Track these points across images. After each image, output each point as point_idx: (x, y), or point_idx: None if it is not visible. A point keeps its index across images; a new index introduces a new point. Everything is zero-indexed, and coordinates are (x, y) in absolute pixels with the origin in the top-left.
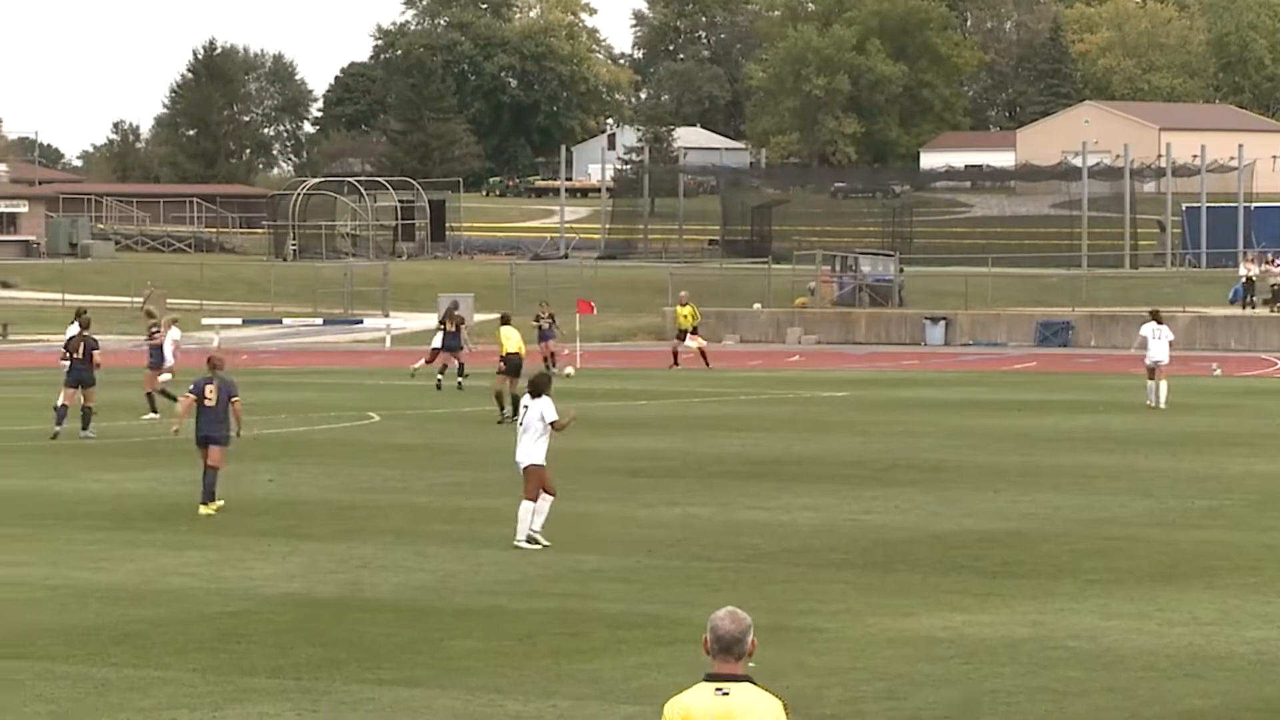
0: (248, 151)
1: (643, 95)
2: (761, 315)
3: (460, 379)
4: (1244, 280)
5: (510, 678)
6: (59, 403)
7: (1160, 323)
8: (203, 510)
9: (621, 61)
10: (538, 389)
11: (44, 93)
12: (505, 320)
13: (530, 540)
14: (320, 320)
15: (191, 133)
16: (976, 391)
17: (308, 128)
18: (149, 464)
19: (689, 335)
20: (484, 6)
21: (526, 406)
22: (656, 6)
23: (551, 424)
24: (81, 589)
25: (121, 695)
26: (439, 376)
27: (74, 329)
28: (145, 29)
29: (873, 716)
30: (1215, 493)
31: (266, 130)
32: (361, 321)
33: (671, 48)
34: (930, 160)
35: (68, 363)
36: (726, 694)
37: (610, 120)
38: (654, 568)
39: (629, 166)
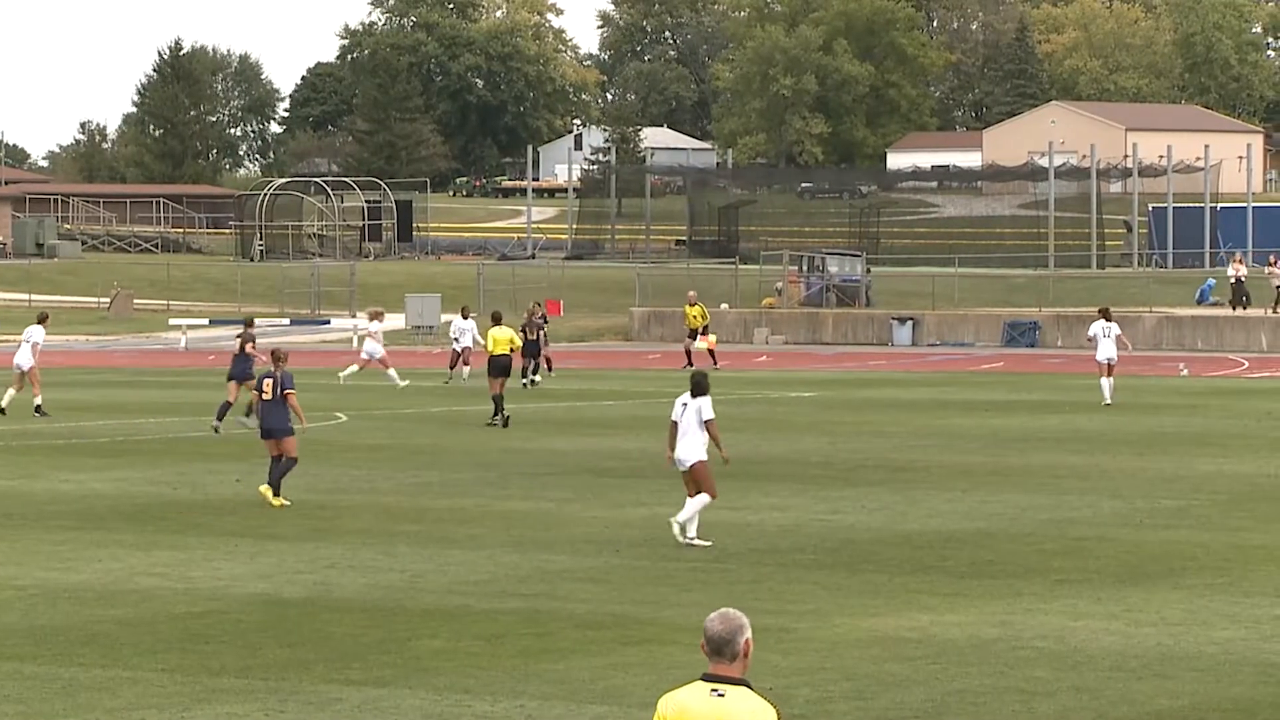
0: (214, 152)
1: (609, 96)
2: (729, 315)
3: (533, 378)
4: (1234, 281)
5: (478, 678)
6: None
7: (1110, 320)
8: (276, 502)
9: (588, 62)
10: (700, 388)
11: (9, 93)
12: (496, 320)
13: (683, 533)
14: (287, 320)
15: (158, 133)
16: (944, 392)
17: (274, 128)
18: (117, 464)
19: (700, 335)
20: (450, 7)
21: (685, 405)
22: (623, 7)
23: (706, 423)
24: (49, 589)
25: (90, 695)
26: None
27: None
28: (111, 29)
29: (841, 716)
30: (1183, 493)
31: (233, 130)
32: (329, 322)
33: (638, 48)
34: (897, 160)
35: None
36: (722, 695)
37: (577, 121)
38: (622, 568)
39: (596, 167)
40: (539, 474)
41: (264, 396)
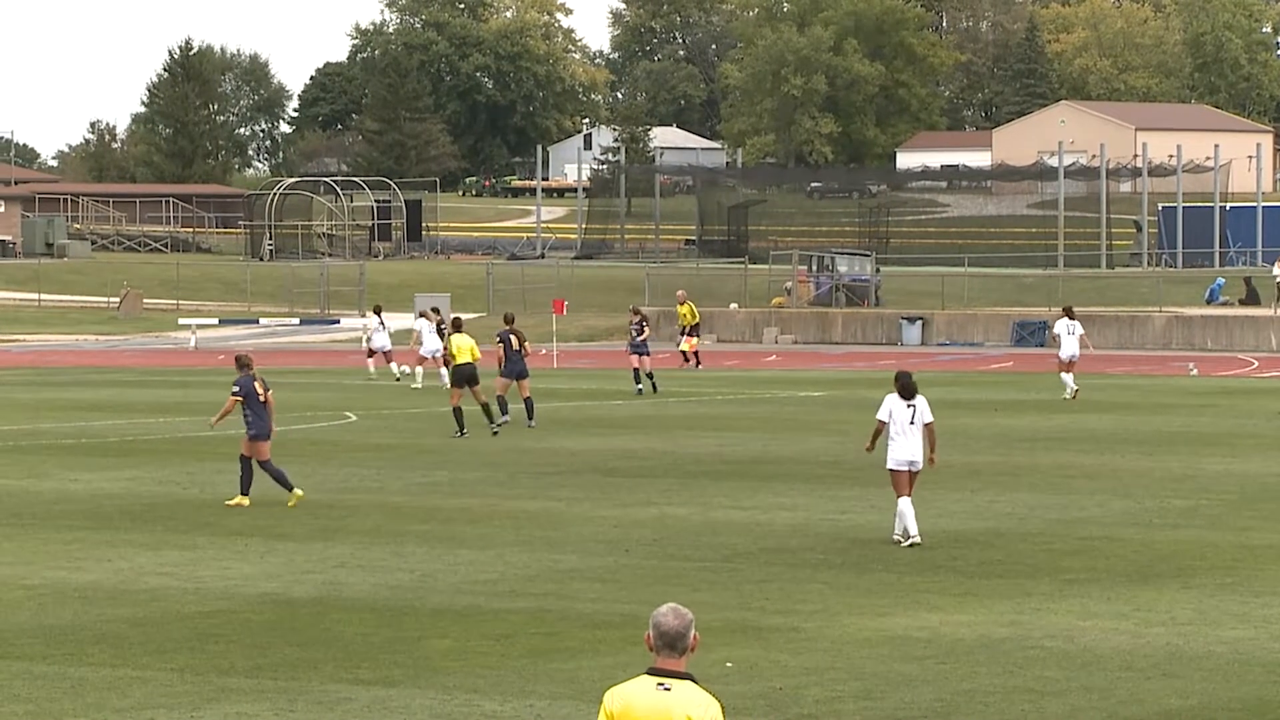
0: (224, 151)
1: (619, 95)
2: (738, 315)
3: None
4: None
5: (487, 677)
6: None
7: (1074, 319)
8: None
9: (598, 61)
10: (913, 389)
11: (20, 93)
12: (457, 327)
13: (906, 537)
14: (297, 320)
15: (168, 132)
16: (953, 391)
17: (284, 127)
18: (126, 464)
19: (686, 335)
20: (461, 6)
21: (913, 406)
22: (633, 6)
23: (927, 425)
24: (58, 588)
25: (99, 695)
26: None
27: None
28: (121, 29)
29: (850, 716)
30: (1192, 493)
31: (242, 130)
32: (338, 321)
33: (648, 48)
34: (907, 160)
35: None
36: (668, 690)
37: (586, 120)
38: (631, 567)
39: (605, 166)
40: (547, 473)
41: (261, 400)
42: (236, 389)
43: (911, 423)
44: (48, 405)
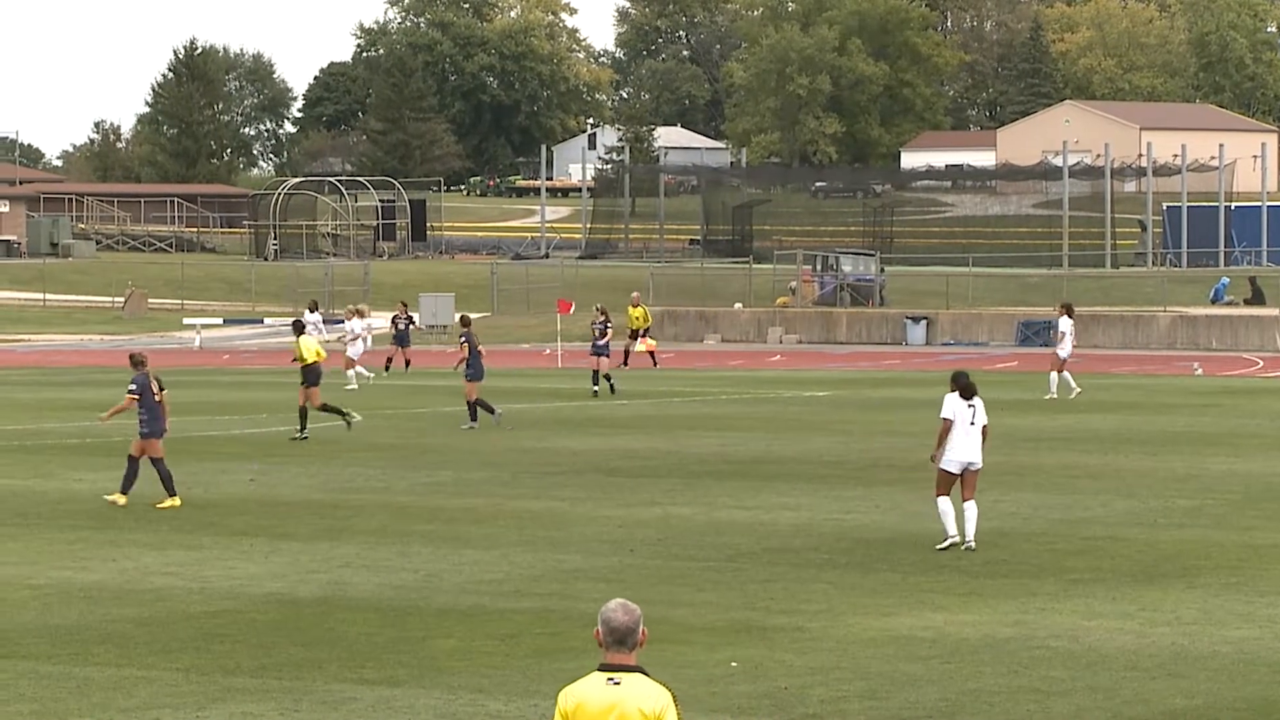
0: (228, 151)
1: (623, 95)
2: (742, 315)
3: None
4: None
5: (492, 677)
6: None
7: (1071, 317)
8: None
9: (602, 60)
10: (973, 388)
11: (23, 93)
12: (300, 330)
13: (962, 539)
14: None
15: (172, 132)
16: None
17: (288, 127)
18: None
19: (639, 337)
20: (465, 6)
21: (973, 406)
22: (638, 5)
23: (984, 427)
24: (64, 588)
25: (105, 694)
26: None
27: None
28: (125, 28)
29: (855, 716)
30: (1196, 492)
31: (247, 130)
32: (343, 321)
33: (652, 47)
34: (911, 160)
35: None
36: (618, 683)
37: (591, 120)
38: (635, 567)
39: (609, 166)
40: (551, 473)
41: (156, 399)
42: (133, 387)
43: (972, 423)
44: (52, 405)
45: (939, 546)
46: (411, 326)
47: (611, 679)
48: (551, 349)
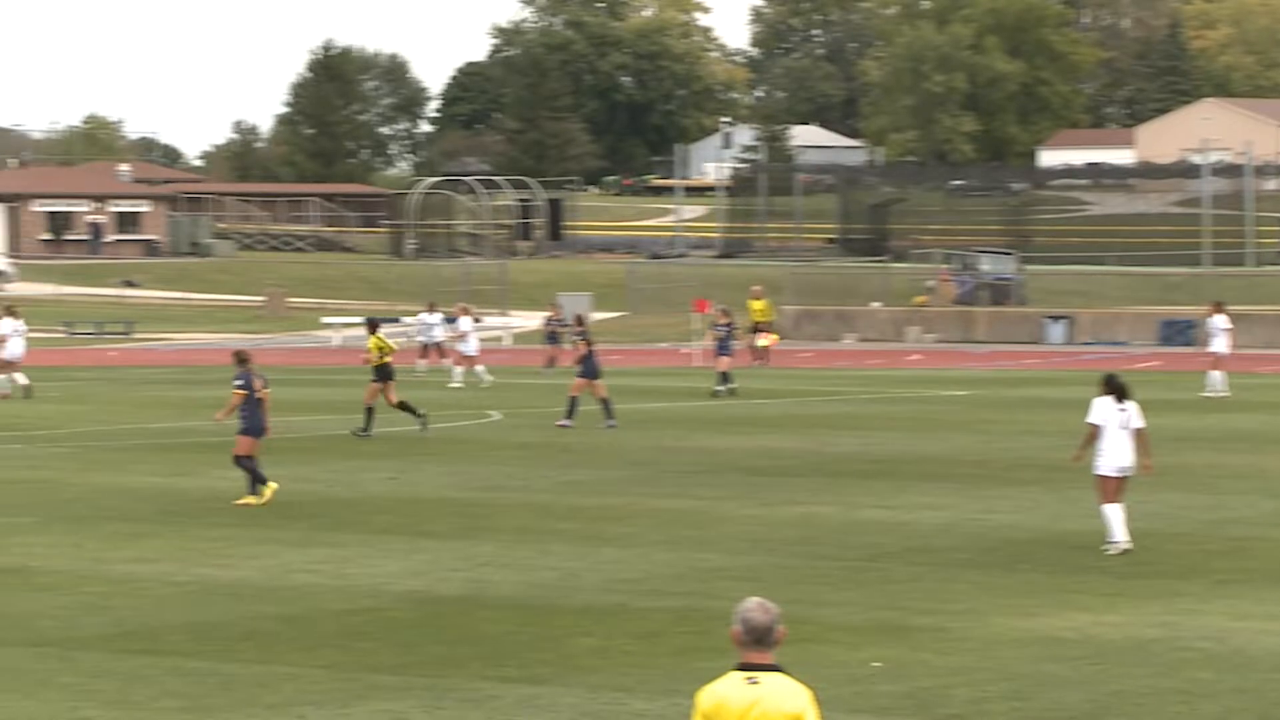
0: (365, 151)
1: (758, 93)
2: (880, 314)
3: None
4: None
5: (634, 676)
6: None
7: (1225, 314)
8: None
9: (736, 58)
10: (1127, 390)
11: (164, 93)
12: (374, 328)
13: (1117, 545)
14: (439, 318)
15: (310, 132)
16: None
17: (424, 127)
18: (270, 461)
19: (760, 331)
20: (600, 5)
21: (1125, 409)
22: (773, 3)
23: (1138, 431)
24: (208, 585)
25: (249, 691)
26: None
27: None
28: (264, 30)
29: (998, 716)
30: None
31: (383, 129)
32: (480, 320)
33: (787, 45)
34: (1049, 158)
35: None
36: (757, 683)
37: (725, 119)
38: (776, 566)
39: (745, 165)
40: (690, 472)
41: (258, 397)
42: (240, 382)
43: (1124, 427)
44: (195, 403)
45: (1110, 552)
46: (563, 327)
47: (751, 678)
48: (688, 349)
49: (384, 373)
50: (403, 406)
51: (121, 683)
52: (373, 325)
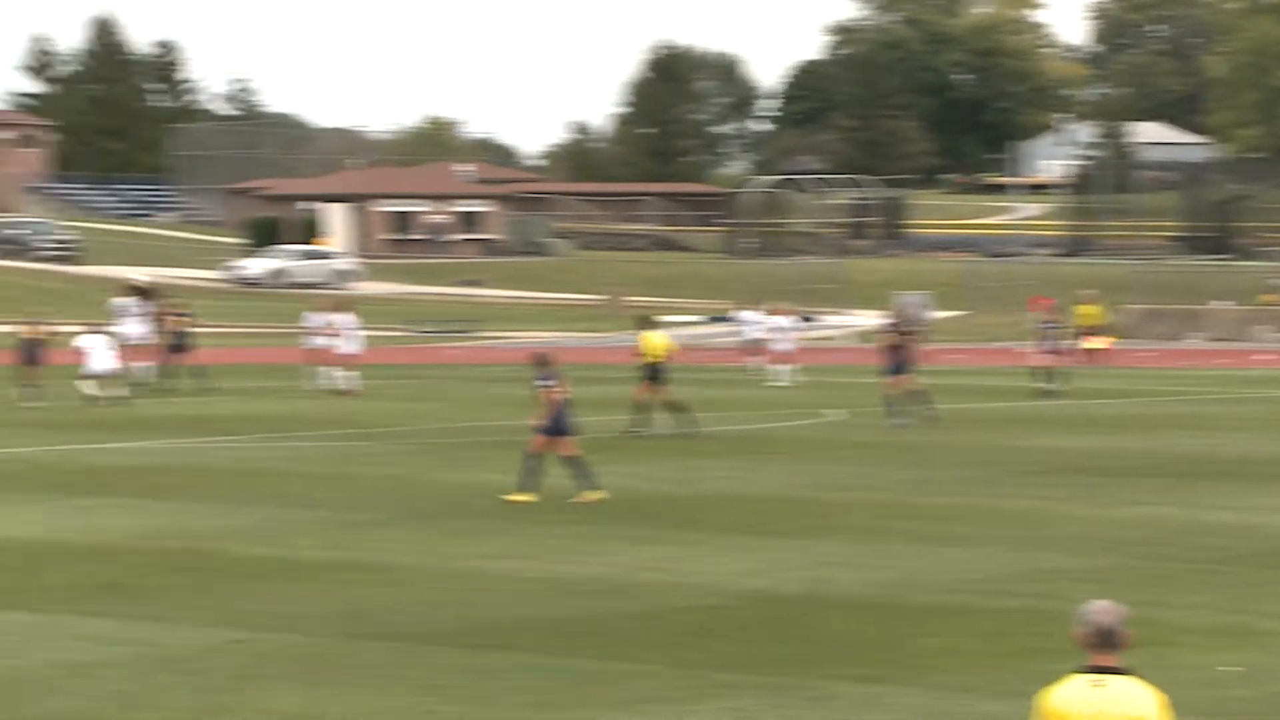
0: (701, 150)
1: (1099, 91)
2: (1226, 313)
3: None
4: None
5: (979, 676)
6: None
7: None
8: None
9: (1072, 55)
10: None
11: (501, 94)
12: (646, 323)
13: None
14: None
15: (646, 131)
16: None
17: (759, 125)
18: (624, 459)
19: (1090, 335)
20: (935, 3)
21: None
22: None
23: None
24: (554, 581)
25: (596, 688)
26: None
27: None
28: (599, 30)
29: None
30: None
31: (718, 128)
32: (810, 319)
33: (1127, 40)
34: None
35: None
36: (1103, 686)
37: (1063, 116)
38: (1119, 568)
39: (1087, 162)
40: (1028, 472)
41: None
42: (551, 383)
43: None
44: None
45: None
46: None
47: (1096, 682)
48: (1024, 348)
49: (657, 371)
50: (673, 406)
51: (470, 678)
52: (647, 322)
